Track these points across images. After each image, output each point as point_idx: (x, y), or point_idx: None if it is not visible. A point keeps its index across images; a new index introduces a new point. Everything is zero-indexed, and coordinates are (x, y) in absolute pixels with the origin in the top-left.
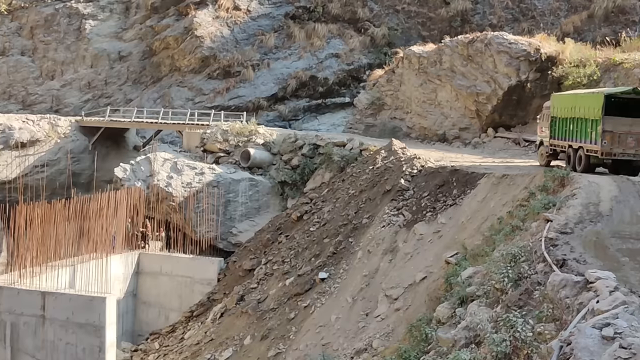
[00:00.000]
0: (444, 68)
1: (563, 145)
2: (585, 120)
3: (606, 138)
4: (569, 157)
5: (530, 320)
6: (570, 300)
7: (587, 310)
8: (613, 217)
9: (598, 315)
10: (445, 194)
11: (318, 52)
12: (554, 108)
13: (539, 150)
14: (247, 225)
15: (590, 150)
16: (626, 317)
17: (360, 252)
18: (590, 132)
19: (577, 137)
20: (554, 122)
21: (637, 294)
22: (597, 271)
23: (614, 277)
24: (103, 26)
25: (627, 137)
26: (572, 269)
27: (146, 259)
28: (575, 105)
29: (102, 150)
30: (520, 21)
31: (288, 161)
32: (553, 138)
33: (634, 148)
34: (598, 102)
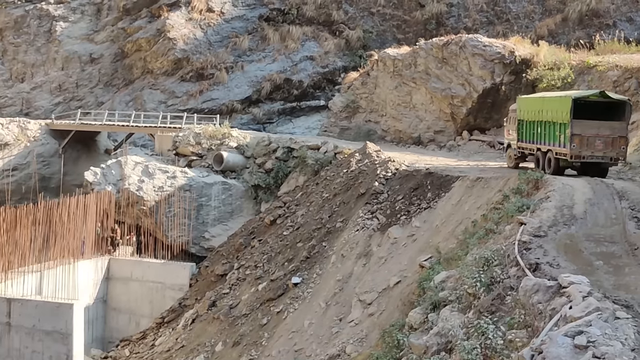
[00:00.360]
0: (419, 71)
1: (531, 148)
2: (553, 123)
3: (575, 141)
4: (537, 160)
5: (501, 326)
6: (543, 306)
7: (559, 316)
8: (587, 220)
9: (571, 322)
10: (419, 197)
11: (292, 55)
12: (520, 111)
13: (506, 152)
14: (220, 229)
15: (560, 153)
16: (599, 324)
17: (334, 256)
18: (558, 135)
19: (545, 140)
20: (521, 125)
21: (611, 299)
22: (570, 275)
23: (588, 282)
24: (74, 28)
25: (596, 139)
26: (545, 273)
27: (116, 265)
28: (543, 108)
29: (73, 154)
30: (495, 24)
31: (262, 165)
32: (521, 141)
33: (602, 150)
34: (566, 106)
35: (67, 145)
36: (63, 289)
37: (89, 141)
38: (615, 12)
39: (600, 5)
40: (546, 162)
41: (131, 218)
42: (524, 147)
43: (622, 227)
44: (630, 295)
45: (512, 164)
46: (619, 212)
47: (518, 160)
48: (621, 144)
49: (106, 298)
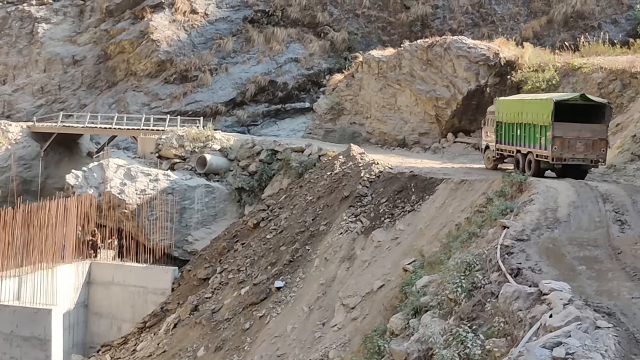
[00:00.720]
0: (404, 73)
1: (510, 150)
2: (534, 126)
3: (556, 144)
4: (517, 162)
5: (481, 335)
6: (523, 314)
7: (539, 325)
8: (571, 223)
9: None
10: (403, 200)
11: (277, 57)
12: (499, 113)
13: (485, 154)
14: (203, 232)
15: (541, 155)
16: (579, 335)
17: (317, 259)
18: (539, 138)
19: (525, 142)
20: (499, 126)
21: (593, 307)
22: (552, 282)
23: (569, 289)
24: (56, 30)
25: (576, 142)
26: (526, 279)
27: (98, 269)
28: (523, 111)
29: (55, 156)
30: (480, 26)
31: (245, 167)
32: (499, 143)
33: (582, 152)
34: (547, 109)
35: (49, 148)
36: (42, 294)
37: (71, 144)
38: (600, 14)
39: (585, 7)
40: (526, 164)
41: (113, 221)
42: (503, 148)
43: (605, 231)
44: (613, 301)
45: (490, 165)
46: (603, 215)
47: (497, 162)
48: (601, 146)
49: (87, 302)
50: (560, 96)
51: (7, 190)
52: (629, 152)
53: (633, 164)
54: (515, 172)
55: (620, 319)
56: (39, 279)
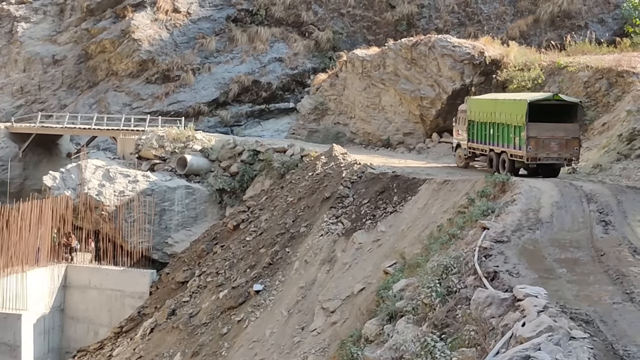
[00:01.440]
0: (388, 72)
1: (483, 149)
2: (507, 125)
3: (531, 144)
4: (490, 160)
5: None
6: (496, 321)
7: (511, 334)
8: (553, 224)
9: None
10: (385, 201)
11: (261, 56)
12: (471, 112)
13: (456, 152)
14: (184, 235)
15: (515, 155)
16: (550, 347)
17: (297, 262)
18: (513, 138)
19: (499, 141)
20: (471, 125)
21: (570, 313)
22: (527, 287)
23: (545, 294)
24: (36, 29)
25: (550, 141)
26: (503, 282)
27: (74, 272)
28: (495, 110)
29: (34, 157)
30: (467, 25)
31: (227, 168)
32: (471, 141)
33: (556, 152)
34: (521, 109)
35: (28, 149)
36: (13, 299)
37: (51, 145)
38: (587, 13)
39: (571, 6)
40: (500, 162)
41: (91, 223)
42: (475, 147)
43: (589, 232)
44: (593, 307)
45: (462, 163)
46: (587, 215)
47: (468, 160)
48: (574, 145)
49: (63, 307)
50: (533, 97)
51: None
52: (615, 152)
53: (619, 164)
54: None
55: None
56: (10, 284)
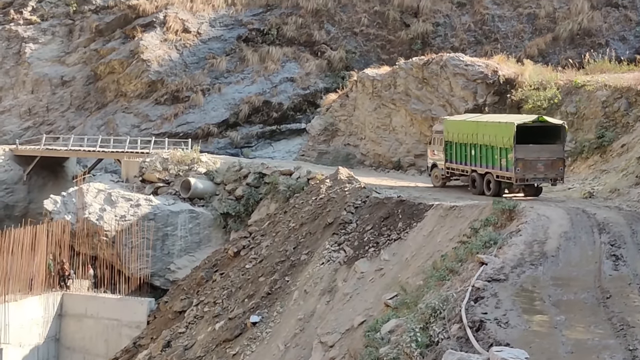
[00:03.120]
0: (399, 92)
1: (464, 169)
2: (492, 147)
3: (519, 165)
4: (473, 181)
5: None
6: None
7: None
8: (559, 258)
9: None
10: (389, 227)
11: (272, 76)
12: (447, 133)
13: (432, 172)
14: (187, 260)
15: (502, 176)
16: None
17: (297, 292)
18: (499, 159)
19: (482, 162)
20: (449, 146)
21: None
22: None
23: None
24: (44, 50)
25: (537, 163)
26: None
27: (70, 300)
28: (478, 132)
29: (39, 180)
30: (483, 44)
31: (232, 191)
32: (449, 162)
33: (543, 172)
34: (509, 132)
35: (32, 171)
36: None
37: (57, 167)
38: (608, 31)
39: (592, 24)
40: (485, 183)
41: (90, 249)
42: (454, 167)
43: (597, 267)
44: None
45: (439, 183)
46: (597, 248)
47: (445, 180)
48: (560, 165)
49: (59, 336)
50: (520, 119)
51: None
52: (634, 175)
53: (638, 188)
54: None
55: None
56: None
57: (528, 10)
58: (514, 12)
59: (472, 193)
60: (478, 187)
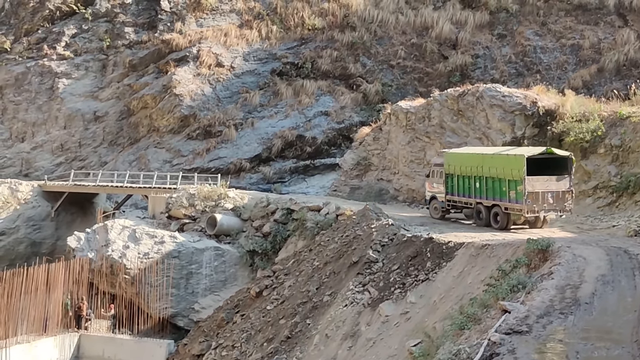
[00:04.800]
0: (433, 124)
1: (467, 202)
2: (500, 180)
3: (530, 198)
4: (478, 213)
5: None
6: None
7: None
8: (594, 306)
9: None
10: (417, 267)
11: (306, 110)
12: (449, 165)
13: (430, 204)
14: (211, 300)
15: (511, 208)
16: None
17: (318, 336)
18: (507, 191)
19: (488, 195)
20: (450, 179)
21: None
22: None
23: None
24: (77, 85)
25: (546, 194)
26: None
27: (88, 342)
28: (483, 164)
29: (67, 217)
30: (525, 76)
31: (259, 228)
32: (450, 194)
33: (552, 204)
34: (518, 164)
35: (61, 208)
36: None
37: (85, 203)
38: None
39: (639, 54)
40: (492, 216)
41: (112, 287)
42: (456, 200)
43: (636, 317)
44: None
45: (438, 215)
46: (638, 294)
47: (445, 212)
48: (568, 196)
49: None
50: (529, 151)
51: (15, 252)
52: None
53: None
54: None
55: None
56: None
57: (571, 42)
58: (557, 43)
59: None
60: (484, 219)
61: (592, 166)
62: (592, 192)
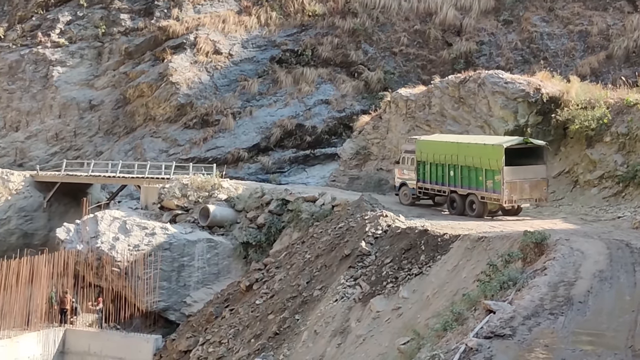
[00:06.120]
0: (433, 112)
1: (440, 190)
2: (476, 169)
3: (508, 187)
4: (452, 201)
5: None
6: None
7: None
8: (588, 305)
9: None
10: (410, 261)
11: (306, 99)
12: (421, 153)
13: (400, 191)
14: (204, 293)
15: (488, 198)
16: None
17: (306, 332)
18: (483, 181)
19: (463, 183)
20: (422, 166)
21: None
22: None
23: None
24: (72, 73)
25: (524, 184)
26: None
27: (73, 337)
28: (458, 153)
29: (60, 207)
30: (531, 63)
31: (253, 219)
32: (422, 181)
33: (529, 193)
34: (496, 154)
35: (53, 198)
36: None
37: (79, 194)
38: None
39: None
40: (467, 204)
41: (102, 280)
42: (428, 187)
43: (633, 319)
44: None
45: (407, 201)
46: (638, 292)
47: (415, 199)
48: (543, 185)
49: None
50: (507, 141)
51: (6, 244)
52: None
53: None
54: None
55: None
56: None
57: (579, 28)
58: (564, 30)
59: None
60: (458, 207)
61: (598, 155)
62: (598, 182)
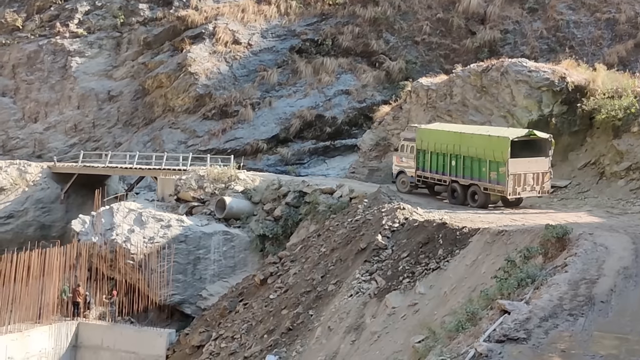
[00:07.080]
0: (455, 102)
1: (440, 179)
2: (480, 160)
3: (512, 179)
4: (453, 191)
5: None
6: None
7: None
8: (610, 305)
9: None
10: (428, 255)
11: (326, 89)
12: (421, 141)
13: (398, 178)
14: (220, 287)
15: (491, 189)
16: None
17: (320, 328)
18: (487, 172)
19: (466, 174)
20: (421, 154)
21: None
22: None
23: None
24: (91, 64)
25: (527, 176)
26: None
27: (86, 330)
28: (461, 143)
29: (77, 199)
30: (557, 52)
31: (270, 211)
32: (421, 170)
33: (532, 185)
34: (502, 146)
35: (71, 189)
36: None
37: (97, 185)
38: None
39: None
40: (469, 195)
41: (116, 273)
42: (428, 176)
43: None
44: None
45: (405, 189)
46: None
47: (413, 187)
48: (547, 178)
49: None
50: (513, 134)
51: (24, 236)
52: None
53: None
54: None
55: None
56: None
57: (607, 16)
58: (591, 18)
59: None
60: (459, 197)
61: (625, 146)
62: (625, 173)
